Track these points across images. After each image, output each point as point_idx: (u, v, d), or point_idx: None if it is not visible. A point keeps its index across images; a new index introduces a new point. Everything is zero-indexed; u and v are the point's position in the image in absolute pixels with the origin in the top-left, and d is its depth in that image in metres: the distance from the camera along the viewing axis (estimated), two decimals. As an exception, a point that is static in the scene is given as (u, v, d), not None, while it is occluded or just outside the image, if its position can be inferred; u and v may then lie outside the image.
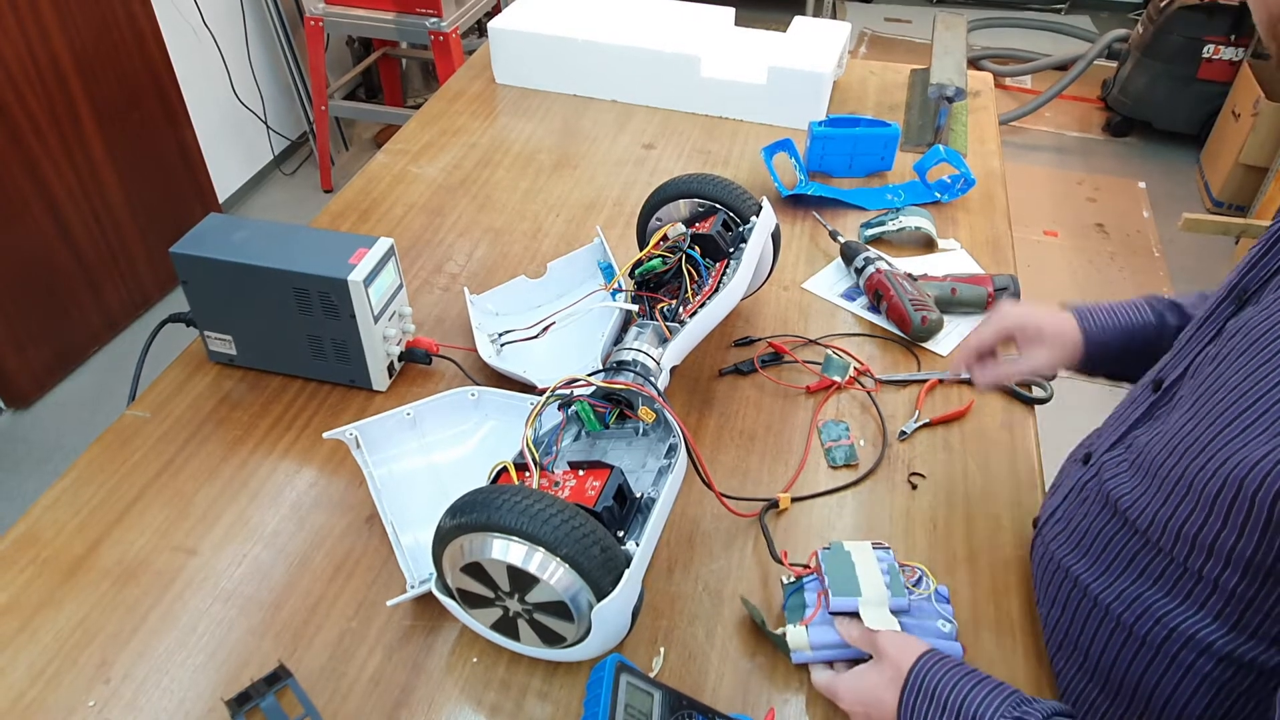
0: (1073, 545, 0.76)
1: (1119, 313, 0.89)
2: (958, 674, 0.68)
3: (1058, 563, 0.78)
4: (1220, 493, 0.60)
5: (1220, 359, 0.64)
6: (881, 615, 0.77)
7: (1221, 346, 0.65)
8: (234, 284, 0.99)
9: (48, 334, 2.34)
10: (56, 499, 0.93)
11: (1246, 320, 0.64)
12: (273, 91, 3.18)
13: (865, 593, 0.78)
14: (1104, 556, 0.73)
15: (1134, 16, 4.42)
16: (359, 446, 0.93)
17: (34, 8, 2.11)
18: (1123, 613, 0.71)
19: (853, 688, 0.74)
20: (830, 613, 0.78)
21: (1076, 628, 0.76)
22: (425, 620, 0.83)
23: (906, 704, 0.69)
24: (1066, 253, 2.97)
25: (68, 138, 2.27)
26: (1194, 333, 0.72)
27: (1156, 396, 0.73)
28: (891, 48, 4.26)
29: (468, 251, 1.29)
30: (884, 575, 0.80)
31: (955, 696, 0.66)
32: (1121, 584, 0.71)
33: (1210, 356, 0.66)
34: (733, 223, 1.08)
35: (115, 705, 0.76)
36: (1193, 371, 0.69)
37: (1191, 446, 0.63)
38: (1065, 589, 0.77)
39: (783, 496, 0.94)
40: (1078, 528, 0.76)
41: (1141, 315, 0.88)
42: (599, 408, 0.86)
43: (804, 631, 0.78)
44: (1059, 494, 0.82)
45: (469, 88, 1.71)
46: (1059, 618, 0.78)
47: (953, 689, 0.67)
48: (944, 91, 1.53)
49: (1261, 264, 0.67)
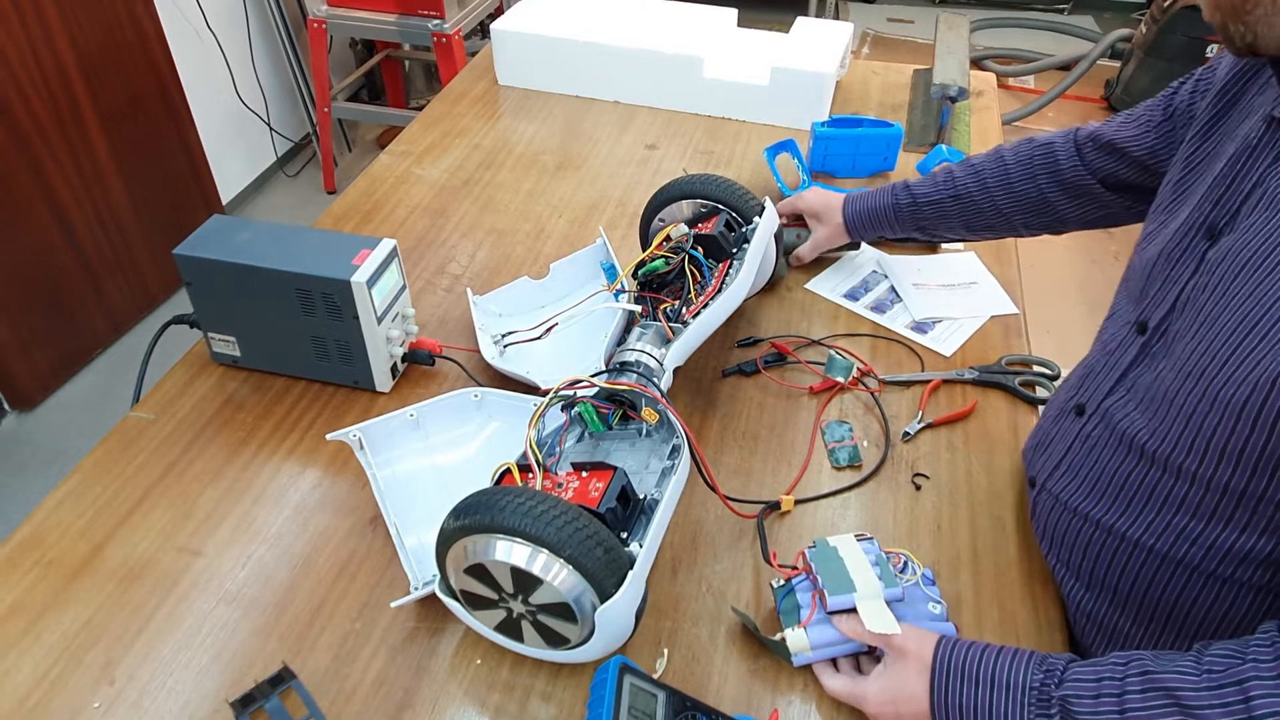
0: (1087, 491, 0.81)
1: (870, 197, 1.17)
2: (978, 650, 0.72)
3: (1073, 511, 0.82)
4: (1249, 399, 0.64)
5: (1213, 287, 0.69)
6: (879, 609, 0.77)
7: (1210, 276, 0.70)
8: (238, 285, 0.99)
9: (52, 336, 2.34)
10: (61, 501, 0.93)
11: (1229, 248, 0.69)
12: (276, 93, 3.18)
13: (860, 587, 0.78)
14: (1123, 494, 0.77)
15: (1137, 16, 4.41)
16: (362, 448, 0.93)
17: (38, 10, 2.11)
18: (1154, 543, 0.75)
19: (879, 689, 0.74)
20: (829, 612, 0.78)
21: (1102, 567, 0.80)
22: (429, 622, 0.83)
23: (939, 687, 0.72)
24: (1070, 252, 2.96)
25: (72, 140, 2.28)
26: (1167, 270, 0.76)
27: (1146, 337, 0.77)
28: (894, 48, 4.25)
29: (470, 252, 1.29)
30: (874, 566, 0.80)
31: (984, 669, 0.71)
32: (1148, 516, 0.76)
33: (1200, 287, 0.71)
34: (735, 223, 1.08)
35: (120, 706, 0.76)
36: (1182, 306, 0.73)
37: (1209, 367, 0.67)
38: (1086, 534, 0.81)
39: (785, 498, 0.93)
40: (1089, 474, 0.80)
41: (882, 198, 1.16)
42: (602, 409, 0.86)
43: (803, 634, 0.78)
44: (1057, 449, 0.85)
45: (472, 89, 1.71)
46: (1080, 562, 0.81)
47: (980, 663, 0.71)
48: (947, 92, 1.53)
49: (1224, 199, 0.72)
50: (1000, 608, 0.85)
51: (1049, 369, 1.10)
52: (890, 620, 0.76)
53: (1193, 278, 0.72)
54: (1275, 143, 0.68)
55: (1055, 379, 1.08)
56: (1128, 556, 0.78)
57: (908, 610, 0.79)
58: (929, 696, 0.72)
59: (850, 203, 1.19)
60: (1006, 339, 1.16)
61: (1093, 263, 2.92)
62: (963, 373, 1.10)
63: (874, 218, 1.17)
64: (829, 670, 0.79)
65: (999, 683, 0.69)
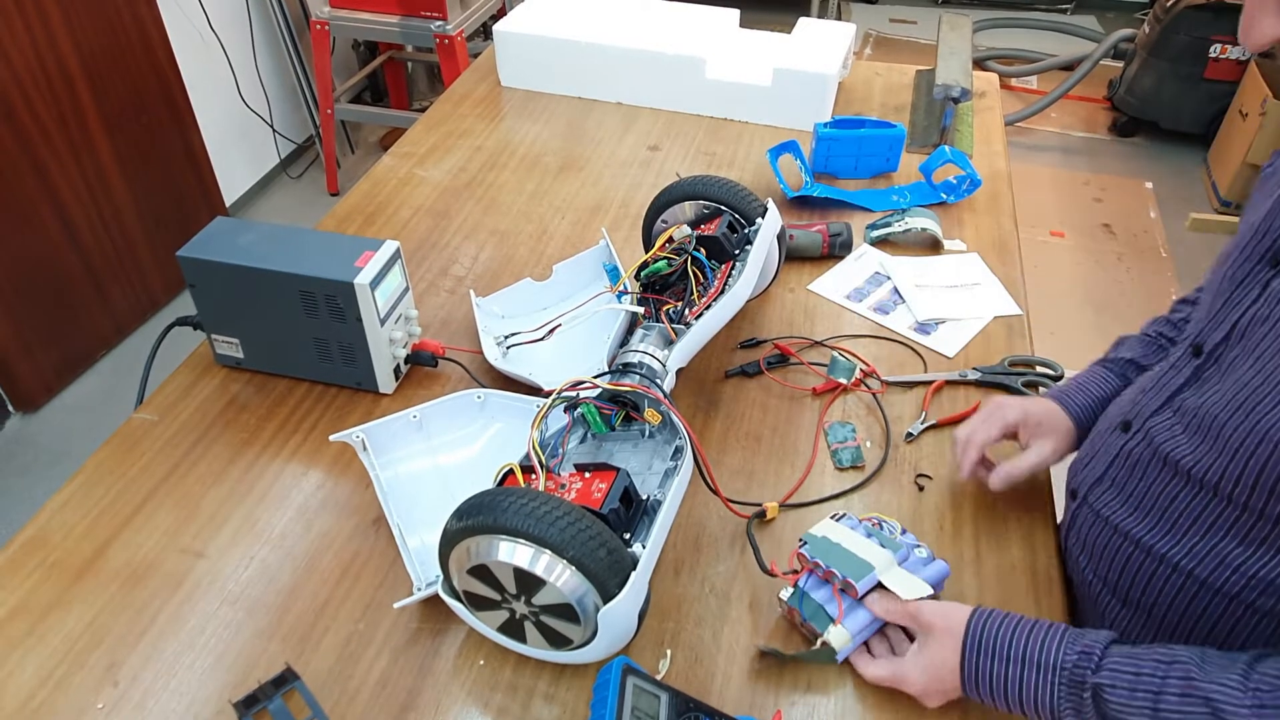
0: (1131, 508, 0.79)
1: (1089, 388, 0.94)
2: (1010, 624, 0.71)
3: (1113, 527, 0.81)
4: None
5: (1274, 319, 0.67)
6: (904, 577, 0.78)
7: (1272, 307, 0.68)
8: (241, 287, 1.00)
9: (55, 338, 2.35)
10: (65, 502, 0.93)
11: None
12: (279, 95, 3.19)
13: (875, 562, 0.79)
14: (1167, 516, 0.76)
15: (1140, 16, 4.40)
16: (365, 449, 0.93)
17: (42, 13, 2.12)
18: (1194, 567, 0.74)
19: (921, 668, 0.75)
20: (860, 598, 0.79)
21: (1139, 588, 0.78)
22: (432, 622, 0.83)
23: (969, 664, 0.72)
24: (1073, 253, 2.96)
25: (75, 142, 2.28)
26: (1228, 297, 0.73)
27: (1200, 361, 0.75)
28: (896, 49, 4.25)
29: (473, 254, 1.29)
30: (870, 539, 0.81)
31: (1016, 647, 0.70)
32: (1190, 540, 0.74)
33: (1259, 317, 0.69)
34: (738, 224, 1.08)
35: (123, 707, 0.76)
36: (1240, 333, 0.71)
37: (1262, 403, 0.66)
38: (1125, 551, 0.79)
39: (770, 505, 0.93)
40: (1134, 492, 0.79)
41: (1110, 385, 0.94)
42: (605, 410, 0.86)
43: (842, 629, 0.78)
44: (1100, 462, 0.84)
45: (474, 90, 1.72)
46: (1118, 580, 0.80)
47: (1011, 640, 0.71)
48: (949, 92, 1.53)
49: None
50: (1003, 607, 0.85)
51: (1052, 370, 1.10)
52: (919, 583, 0.78)
53: (1253, 305, 0.70)
54: None
55: (1058, 379, 1.08)
56: (1165, 579, 0.76)
57: (907, 566, 0.81)
58: (959, 671, 0.72)
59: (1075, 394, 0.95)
60: (1010, 340, 1.16)
61: (1096, 264, 2.92)
62: (966, 374, 1.09)
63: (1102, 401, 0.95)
64: (866, 658, 0.79)
65: (1030, 660, 0.69)
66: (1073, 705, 0.68)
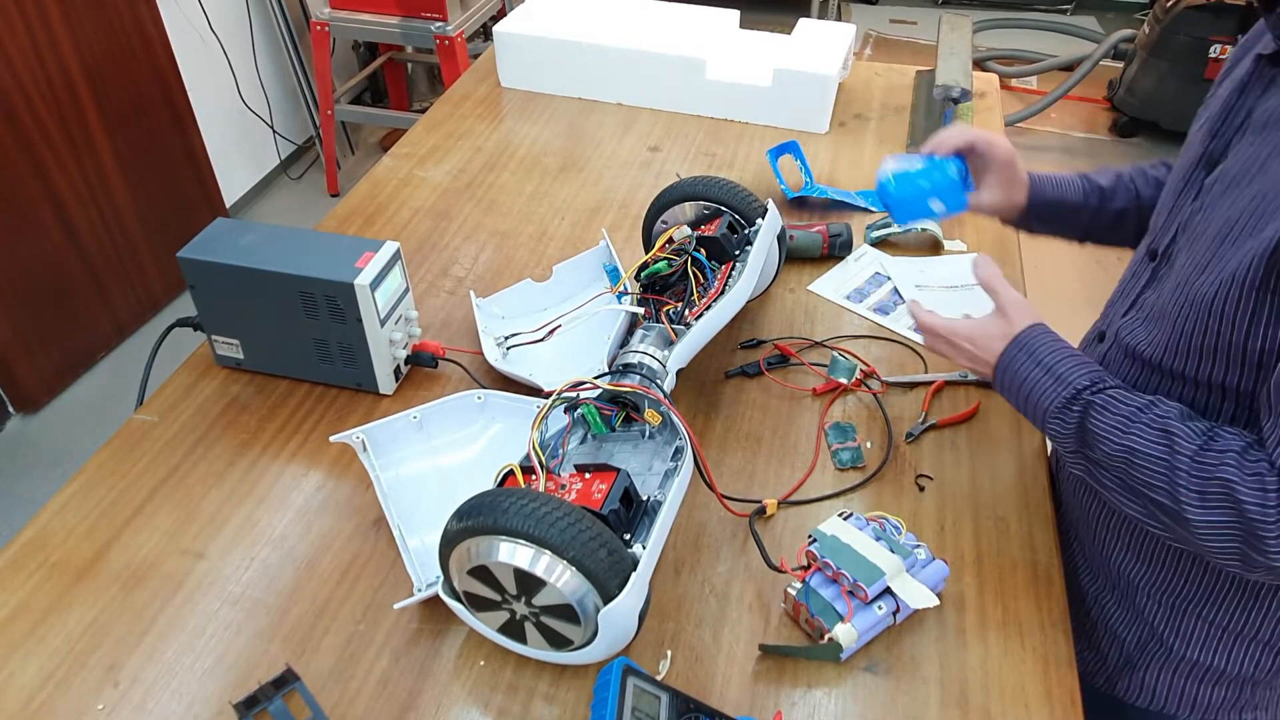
0: None
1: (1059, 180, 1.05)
2: (1057, 343, 0.81)
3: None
4: (1215, 296, 0.70)
5: (1206, 209, 0.76)
6: (912, 585, 0.80)
7: (1204, 200, 0.77)
8: (241, 288, 1.00)
9: (56, 339, 2.35)
10: (65, 503, 0.93)
11: (1220, 173, 0.76)
12: (279, 96, 3.19)
13: (885, 568, 0.79)
14: None
15: (1140, 17, 4.41)
16: (366, 450, 0.93)
17: (43, 15, 2.12)
18: None
19: (970, 329, 0.85)
20: (869, 602, 0.79)
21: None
22: (432, 623, 0.83)
23: (1008, 352, 0.82)
24: (1073, 253, 2.95)
25: (76, 144, 2.29)
26: (1173, 202, 0.82)
27: (1156, 264, 0.83)
28: (897, 49, 4.25)
29: (473, 255, 1.30)
30: (879, 542, 0.81)
31: (1049, 357, 0.79)
32: None
33: (1196, 210, 0.77)
34: (738, 225, 1.08)
35: (124, 709, 0.76)
36: (1182, 230, 0.79)
37: (1192, 275, 0.74)
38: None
39: (769, 502, 0.93)
40: None
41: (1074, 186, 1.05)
42: (605, 410, 0.86)
43: (850, 627, 0.78)
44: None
45: (474, 91, 1.72)
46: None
47: (1049, 352, 0.80)
48: (949, 93, 1.53)
49: (1220, 132, 0.78)
50: (1003, 608, 0.85)
51: (1052, 370, 1.10)
52: (927, 592, 0.79)
53: (1190, 204, 0.79)
54: (1264, 77, 0.75)
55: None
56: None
57: (910, 569, 0.82)
58: (999, 354, 0.82)
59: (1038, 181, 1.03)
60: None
61: (1096, 263, 2.92)
62: (966, 374, 1.09)
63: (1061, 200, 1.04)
64: (924, 308, 0.88)
65: (1053, 371, 0.78)
66: (1062, 413, 0.77)
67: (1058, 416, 0.77)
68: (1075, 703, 0.78)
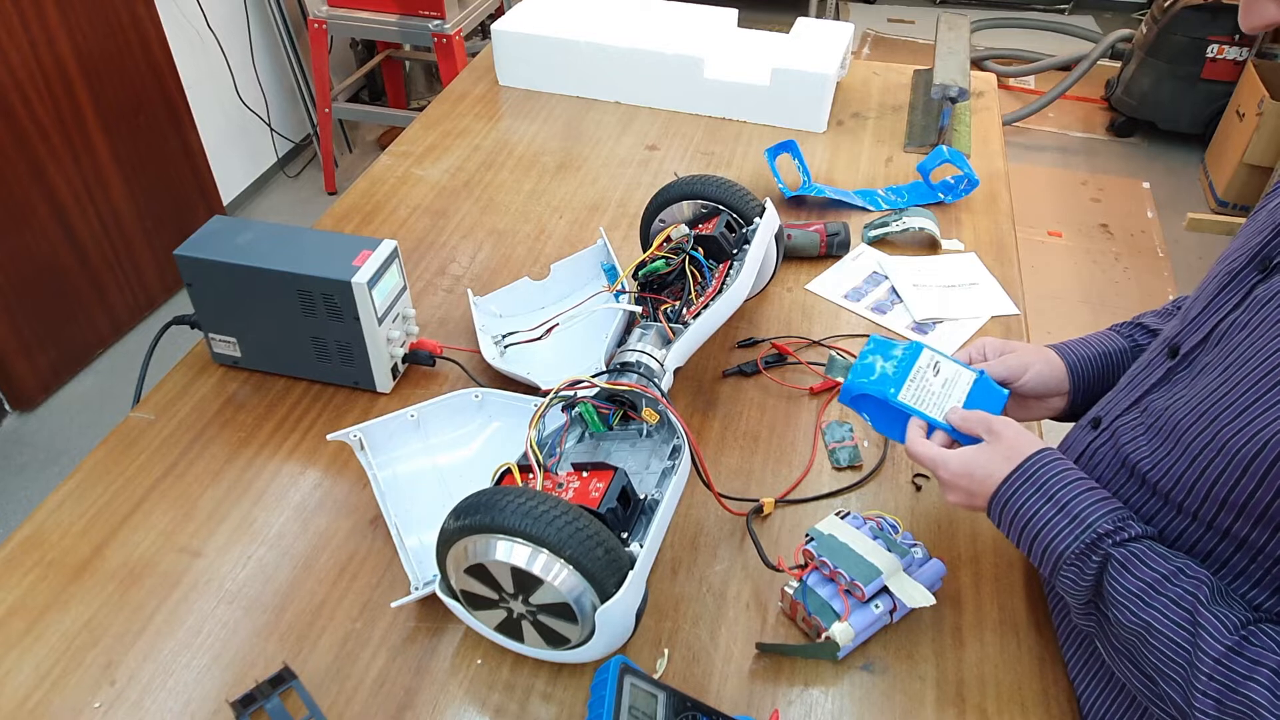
0: None
1: (1090, 341, 0.92)
2: (1068, 472, 0.71)
3: None
4: (1258, 456, 0.61)
5: (1251, 326, 0.65)
6: (909, 584, 0.79)
7: (1251, 314, 0.66)
8: (238, 286, 1.00)
9: (53, 336, 2.34)
10: (62, 501, 0.93)
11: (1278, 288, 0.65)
12: (276, 94, 3.19)
13: (882, 567, 0.79)
14: None
15: (1137, 16, 4.41)
16: (363, 448, 0.93)
17: (39, 12, 2.11)
18: None
19: (961, 461, 0.76)
20: (866, 601, 0.79)
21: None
22: (429, 622, 0.83)
23: (1009, 484, 0.72)
24: (1071, 253, 2.96)
25: (73, 141, 2.28)
26: (1212, 299, 0.72)
27: (1174, 363, 0.74)
28: (895, 48, 4.26)
29: (471, 253, 1.29)
30: (876, 541, 0.81)
31: (1062, 492, 0.70)
32: None
33: (1238, 324, 0.67)
34: (736, 224, 1.08)
35: (120, 707, 0.76)
36: (1218, 338, 0.69)
37: (1225, 412, 0.64)
38: None
39: (766, 501, 0.93)
40: None
41: (1113, 342, 0.91)
42: (602, 409, 0.86)
43: (847, 626, 0.78)
44: (1070, 455, 0.83)
45: (472, 90, 1.72)
46: None
47: (1061, 486, 0.70)
48: (947, 92, 1.53)
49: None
50: (1000, 607, 0.85)
51: (1049, 369, 1.10)
52: (924, 592, 0.79)
53: (1234, 310, 0.69)
54: None
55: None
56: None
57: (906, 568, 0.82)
58: (998, 486, 0.73)
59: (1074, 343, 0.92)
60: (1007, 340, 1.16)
61: (1094, 263, 2.92)
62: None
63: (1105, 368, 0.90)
64: (920, 435, 0.81)
65: (1068, 509, 0.69)
66: (1078, 563, 0.68)
67: (1074, 564, 0.68)
68: (1072, 701, 0.78)
